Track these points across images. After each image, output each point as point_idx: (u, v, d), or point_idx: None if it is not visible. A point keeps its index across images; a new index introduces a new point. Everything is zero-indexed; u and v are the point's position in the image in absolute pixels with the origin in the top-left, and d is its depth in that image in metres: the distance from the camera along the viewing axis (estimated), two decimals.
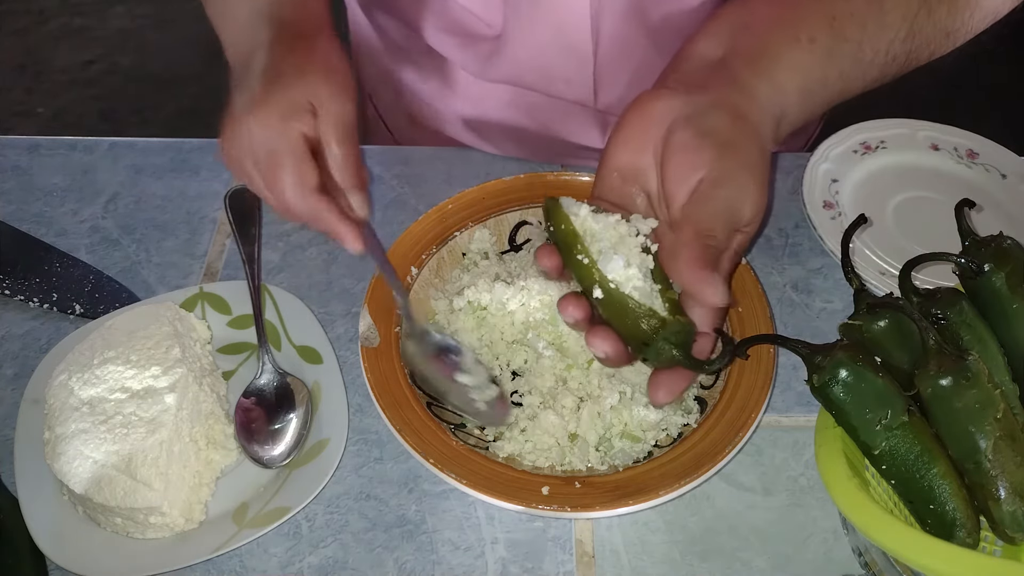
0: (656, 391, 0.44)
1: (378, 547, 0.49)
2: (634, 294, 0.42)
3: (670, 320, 0.42)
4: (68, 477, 0.47)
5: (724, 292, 0.41)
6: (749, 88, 0.46)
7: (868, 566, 0.47)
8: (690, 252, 0.42)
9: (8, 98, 2.15)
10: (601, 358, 0.44)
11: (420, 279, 0.56)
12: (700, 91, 0.45)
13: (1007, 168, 0.68)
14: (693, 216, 0.43)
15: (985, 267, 0.47)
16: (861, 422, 0.43)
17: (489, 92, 0.69)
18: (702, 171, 0.43)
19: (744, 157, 0.44)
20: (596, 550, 0.49)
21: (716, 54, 0.47)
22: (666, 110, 0.45)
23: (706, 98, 0.45)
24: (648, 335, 0.42)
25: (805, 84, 0.47)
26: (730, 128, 0.44)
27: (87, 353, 0.51)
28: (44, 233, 0.65)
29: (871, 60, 0.49)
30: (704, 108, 0.44)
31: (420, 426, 0.49)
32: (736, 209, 0.43)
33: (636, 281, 0.42)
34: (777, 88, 0.46)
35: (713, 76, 0.46)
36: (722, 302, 0.42)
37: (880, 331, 0.46)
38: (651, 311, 0.42)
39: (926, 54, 0.52)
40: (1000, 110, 1.69)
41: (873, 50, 0.49)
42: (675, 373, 0.44)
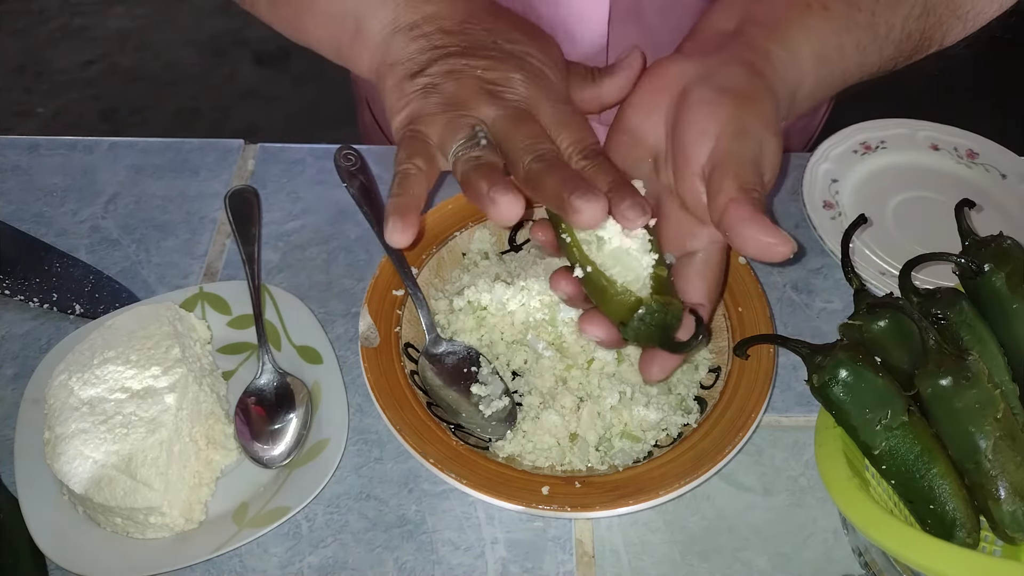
0: (649, 367, 0.44)
1: (378, 547, 0.49)
2: (615, 272, 0.42)
3: (647, 300, 0.41)
4: (68, 477, 0.47)
5: (792, 243, 0.40)
6: (765, 51, 0.44)
7: (868, 566, 0.47)
8: (743, 210, 0.40)
9: (8, 98, 2.15)
10: (597, 342, 0.44)
11: (420, 279, 0.57)
12: (715, 54, 0.45)
13: (1007, 168, 0.68)
14: (729, 170, 0.41)
15: (985, 267, 0.47)
16: (861, 422, 0.43)
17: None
18: (722, 123, 0.42)
19: (761, 111, 0.42)
20: (596, 550, 0.49)
21: (730, 25, 0.47)
22: (679, 73, 0.44)
23: (721, 58, 0.44)
24: (624, 314, 0.41)
25: (821, 51, 0.46)
26: (747, 83, 0.43)
27: (87, 353, 0.51)
28: (44, 233, 0.65)
29: (886, 35, 0.48)
30: (719, 66, 0.44)
31: (420, 426, 0.49)
32: (759, 164, 0.42)
33: (630, 252, 0.41)
34: (792, 54, 0.45)
35: (728, 41, 0.45)
36: (793, 251, 0.40)
37: (880, 331, 0.46)
38: (626, 290, 0.41)
39: (939, 35, 0.51)
40: (1000, 110, 1.69)
41: (888, 24, 0.48)
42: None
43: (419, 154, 0.42)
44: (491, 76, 0.44)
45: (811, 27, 0.46)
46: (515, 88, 0.44)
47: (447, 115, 0.43)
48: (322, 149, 0.70)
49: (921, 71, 0.54)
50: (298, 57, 0.57)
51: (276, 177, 0.69)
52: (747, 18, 0.46)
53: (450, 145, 0.42)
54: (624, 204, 0.40)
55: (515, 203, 0.39)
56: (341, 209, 0.66)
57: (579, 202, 0.39)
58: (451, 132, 0.43)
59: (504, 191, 0.39)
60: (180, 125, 2.07)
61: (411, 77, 0.45)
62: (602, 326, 0.43)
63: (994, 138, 0.70)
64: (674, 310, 0.42)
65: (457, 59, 0.44)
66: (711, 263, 0.45)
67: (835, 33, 0.47)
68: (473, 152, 0.42)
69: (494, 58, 0.45)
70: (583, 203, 0.39)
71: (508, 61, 0.45)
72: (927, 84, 1.90)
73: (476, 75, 0.44)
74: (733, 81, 0.43)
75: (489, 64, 0.45)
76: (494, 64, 0.45)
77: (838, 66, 0.47)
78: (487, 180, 0.40)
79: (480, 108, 0.43)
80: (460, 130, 0.42)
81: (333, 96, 0.91)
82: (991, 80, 1.99)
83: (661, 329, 0.42)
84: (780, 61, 0.45)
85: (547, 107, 0.44)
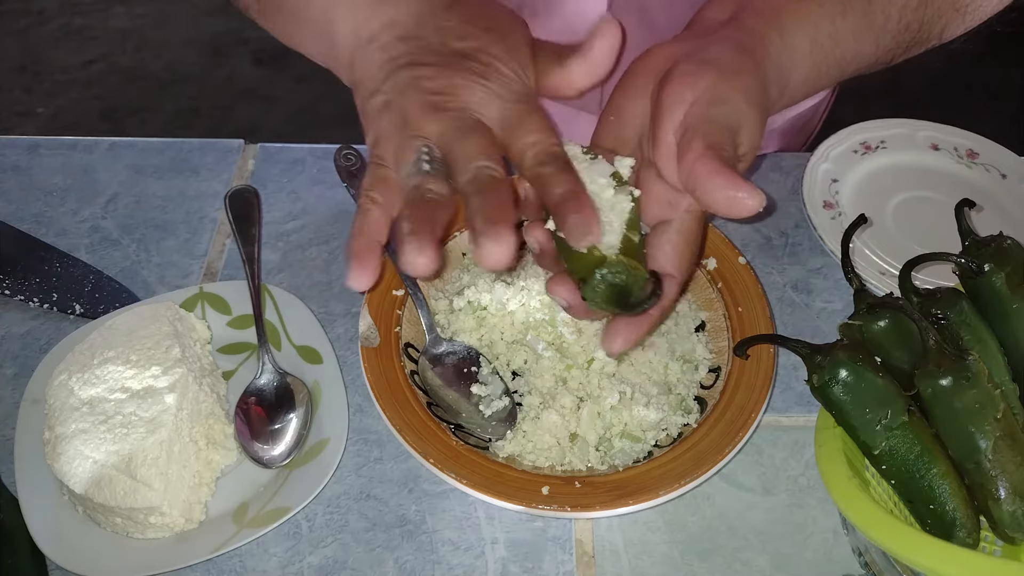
0: (612, 339, 0.42)
1: (378, 547, 0.49)
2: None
3: (611, 258, 0.39)
4: (68, 477, 0.47)
5: (760, 195, 0.38)
6: (759, 34, 0.44)
7: (868, 566, 0.47)
8: (708, 164, 0.39)
9: (8, 98, 2.15)
10: (564, 307, 0.43)
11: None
12: (707, 36, 0.44)
13: (1007, 168, 0.68)
14: (699, 130, 0.40)
15: (985, 267, 0.47)
16: (861, 422, 0.43)
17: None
18: (699, 91, 0.41)
19: (744, 84, 0.42)
20: (596, 550, 0.49)
21: (725, 15, 0.46)
22: (669, 55, 0.44)
23: (712, 39, 0.44)
24: (586, 271, 0.40)
25: (815, 36, 0.45)
26: (732, 58, 0.42)
27: (87, 353, 0.51)
28: (44, 233, 0.65)
29: (883, 24, 0.48)
30: (707, 45, 0.43)
31: (420, 426, 0.49)
32: (735, 131, 0.41)
33: (609, 220, 0.40)
34: (786, 39, 0.44)
35: (722, 27, 0.45)
36: (762, 204, 0.39)
37: (880, 331, 0.46)
38: (592, 247, 0.40)
39: (938, 28, 0.51)
40: (1000, 110, 1.69)
41: (885, 13, 0.48)
42: (631, 321, 0.42)
43: (377, 184, 0.40)
44: (434, 86, 0.41)
45: (806, 13, 0.46)
46: (459, 95, 0.41)
47: (398, 137, 0.41)
48: (322, 149, 0.70)
49: (921, 71, 0.54)
50: (298, 57, 0.57)
51: (276, 177, 0.69)
52: (742, 6, 0.46)
53: (402, 171, 0.40)
54: (570, 219, 0.38)
55: (420, 255, 0.36)
56: (341, 209, 0.66)
57: (484, 240, 0.36)
58: (402, 156, 0.40)
59: (416, 240, 0.37)
60: (180, 125, 2.07)
61: (371, 97, 0.43)
62: (567, 287, 0.42)
63: (994, 138, 0.70)
64: (637, 275, 0.40)
65: (406, 71, 0.42)
66: (683, 230, 0.44)
67: (831, 20, 0.46)
68: (413, 180, 0.39)
69: (440, 64, 0.42)
70: (487, 242, 0.36)
71: (453, 64, 0.42)
72: (927, 84, 1.91)
73: (421, 87, 0.41)
74: (718, 55, 0.42)
75: (434, 72, 0.41)
76: (439, 71, 0.41)
77: (833, 54, 0.47)
78: (409, 221, 0.38)
79: (425, 125, 0.40)
80: (408, 153, 0.40)
81: (333, 96, 0.91)
82: (991, 80, 1.99)
83: (620, 290, 0.40)
84: (773, 45, 0.44)
85: (497, 110, 0.41)
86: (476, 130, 0.41)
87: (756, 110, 0.42)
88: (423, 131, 0.40)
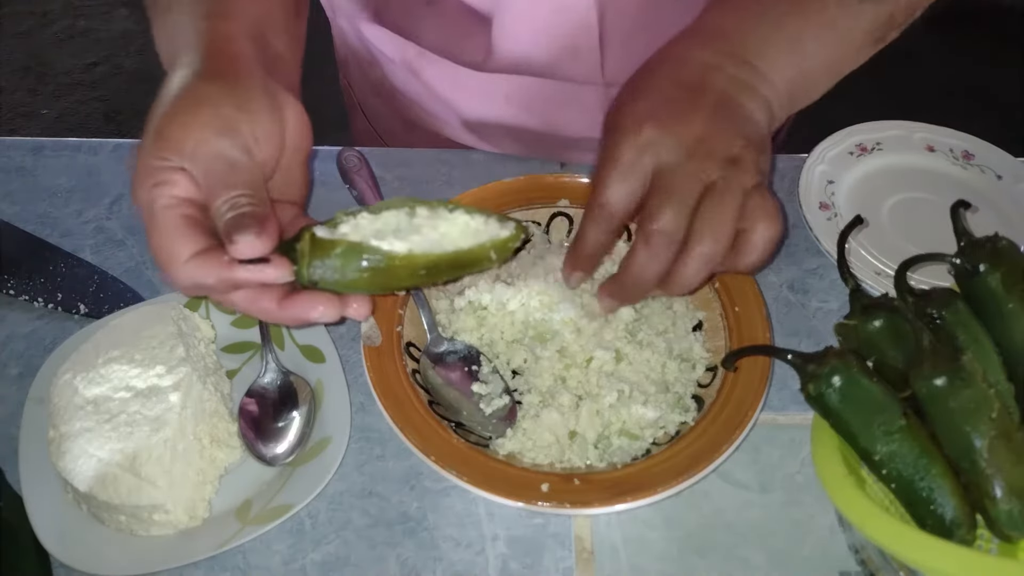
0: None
1: (380, 543, 0.49)
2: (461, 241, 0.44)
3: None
4: (72, 475, 0.47)
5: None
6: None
7: (864, 563, 0.47)
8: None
9: (12, 100, 2.15)
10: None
11: None
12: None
13: (1003, 169, 0.68)
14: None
15: (980, 267, 0.47)
16: (859, 428, 0.44)
17: (489, 89, 0.69)
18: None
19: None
20: (595, 546, 0.49)
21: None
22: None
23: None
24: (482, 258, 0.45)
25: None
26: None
27: (91, 352, 0.52)
28: (49, 234, 0.65)
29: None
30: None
31: (421, 424, 0.49)
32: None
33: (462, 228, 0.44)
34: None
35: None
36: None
37: (875, 331, 0.47)
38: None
39: None
40: (996, 112, 1.69)
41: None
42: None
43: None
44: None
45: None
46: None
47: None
48: (324, 151, 0.71)
49: (918, 72, 0.55)
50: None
51: None
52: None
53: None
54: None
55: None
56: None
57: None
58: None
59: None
60: None
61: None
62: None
63: (989, 140, 0.70)
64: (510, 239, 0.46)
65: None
66: None
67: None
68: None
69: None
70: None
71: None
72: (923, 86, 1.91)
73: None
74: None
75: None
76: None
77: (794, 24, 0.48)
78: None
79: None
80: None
81: (330, 99, 0.91)
82: (987, 82, 2.00)
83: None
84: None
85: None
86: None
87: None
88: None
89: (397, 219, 0.44)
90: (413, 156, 0.72)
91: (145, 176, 0.42)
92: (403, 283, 0.45)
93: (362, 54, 0.75)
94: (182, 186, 0.42)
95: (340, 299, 0.43)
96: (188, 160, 0.41)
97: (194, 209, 0.42)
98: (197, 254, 0.41)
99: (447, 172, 0.70)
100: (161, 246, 0.41)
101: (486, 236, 0.45)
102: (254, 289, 0.42)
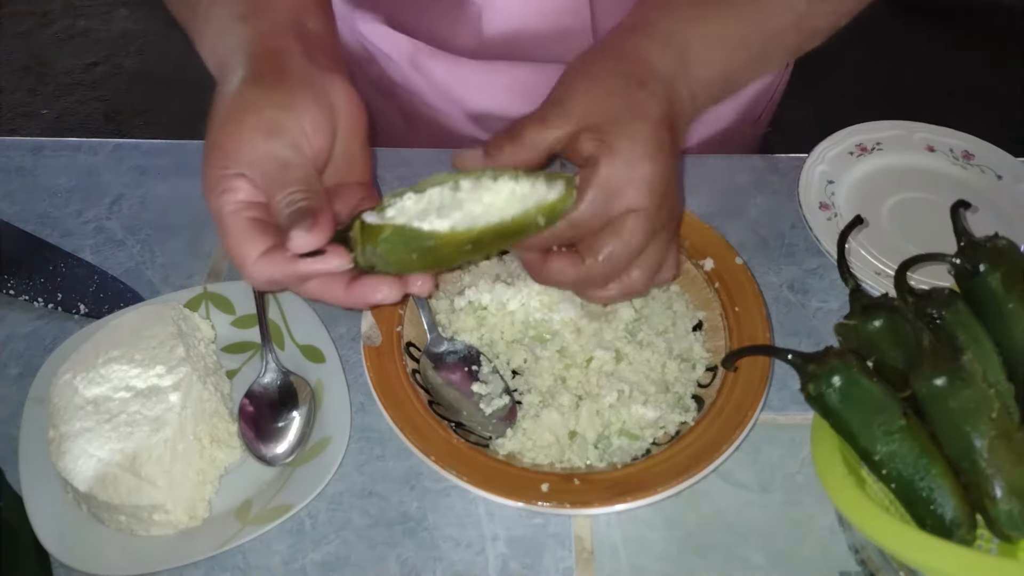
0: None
1: (380, 543, 0.49)
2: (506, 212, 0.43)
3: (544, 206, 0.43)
4: (72, 475, 0.47)
5: None
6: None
7: (864, 563, 0.47)
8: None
9: (13, 100, 2.16)
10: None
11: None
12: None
13: (1003, 169, 0.68)
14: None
15: (980, 267, 0.47)
16: (859, 428, 0.44)
17: (488, 79, 0.69)
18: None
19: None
20: (595, 546, 0.49)
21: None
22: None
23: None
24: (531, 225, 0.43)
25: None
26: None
27: (91, 352, 0.52)
28: (49, 234, 0.65)
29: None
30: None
31: (422, 424, 0.49)
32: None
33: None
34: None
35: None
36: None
37: (875, 331, 0.47)
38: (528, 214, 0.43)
39: None
40: (995, 112, 1.69)
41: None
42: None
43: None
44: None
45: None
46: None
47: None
48: None
49: (917, 73, 0.55)
50: None
51: None
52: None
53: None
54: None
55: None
56: None
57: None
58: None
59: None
60: (184, 127, 2.07)
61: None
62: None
63: (989, 140, 0.70)
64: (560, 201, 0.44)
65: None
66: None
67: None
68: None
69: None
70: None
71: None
72: (923, 86, 1.91)
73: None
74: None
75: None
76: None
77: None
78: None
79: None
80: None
81: None
82: (987, 82, 2.00)
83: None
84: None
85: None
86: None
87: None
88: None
89: (441, 195, 0.43)
90: (413, 156, 0.72)
91: (211, 186, 0.43)
92: (453, 260, 0.44)
93: (358, 52, 0.75)
94: (244, 191, 0.43)
95: (401, 279, 0.44)
96: (245, 166, 0.43)
97: (259, 211, 0.43)
98: (264, 253, 0.42)
99: (446, 172, 0.70)
100: (233, 249, 0.43)
101: (532, 201, 0.43)
102: (323, 279, 0.43)
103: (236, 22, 0.47)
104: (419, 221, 0.42)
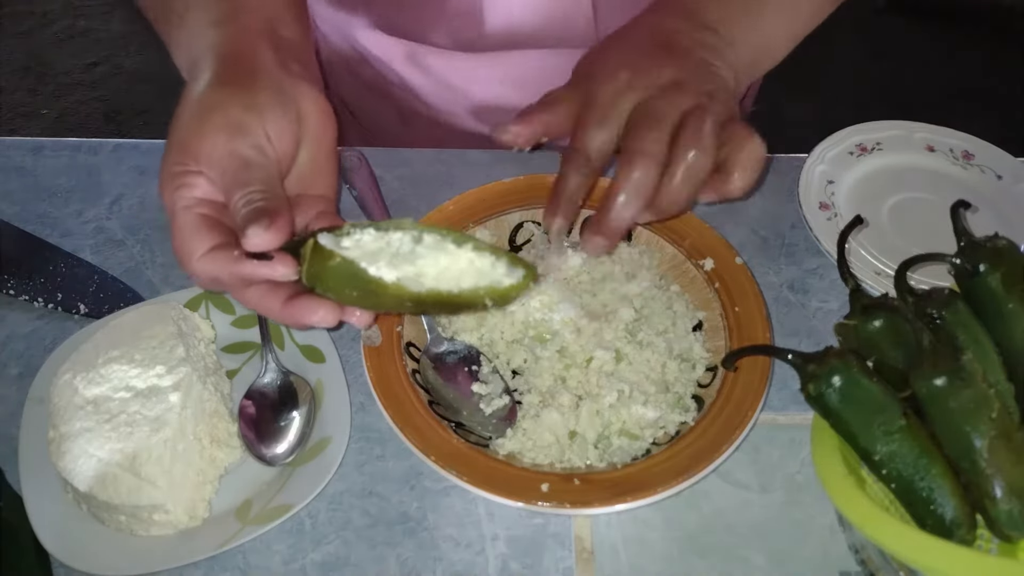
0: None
1: (380, 543, 0.49)
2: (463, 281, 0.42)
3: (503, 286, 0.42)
4: (72, 475, 0.47)
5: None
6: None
7: (864, 563, 0.47)
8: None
9: (12, 99, 2.16)
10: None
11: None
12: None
13: (1003, 169, 0.68)
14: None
15: (980, 267, 0.47)
16: (859, 428, 0.44)
17: (490, 72, 0.69)
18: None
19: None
20: (595, 546, 0.49)
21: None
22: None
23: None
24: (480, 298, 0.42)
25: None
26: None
27: (91, 352, 0.52)
28: (49, 234, 0.65)
29: None
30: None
31: (421, 424, 0.49)
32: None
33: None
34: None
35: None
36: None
37: (875, 331, 0.47)
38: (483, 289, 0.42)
39: None
40: (996, 112, 1.69)
41: None
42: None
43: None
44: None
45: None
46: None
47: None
48: None
49: (917, 73, 0.55)
50: None
51: None
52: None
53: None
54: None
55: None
56: (344, 210, 0.67)
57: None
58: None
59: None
60: None
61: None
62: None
63: (989, 140, 0.70)
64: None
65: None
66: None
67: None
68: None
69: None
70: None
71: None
72: (923, 85, 1.91)
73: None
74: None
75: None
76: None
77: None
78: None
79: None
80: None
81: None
82: (987, 82, 2.00)
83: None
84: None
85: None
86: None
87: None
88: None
89: (401, 242, 0.42)
90: (413, 156, 0.72)
91: (167, 181, 0.43)
92: (391, 308, 0.44)
93: (349, 54, 0.75)
94: (201, 188, 0.43)
95: (340, 307, 0.43)
96: (204, 163, 0.42)
97: (211, 209, 0.43)
98: (210, 250, 0.42)
99: (447, 172, 0.70)
100: (179, 244, 0.43)
101: (487, 280, 0.42)
102: (264, 286, 0.43)
103: (210, 27, 0.47)
104: (369, 262, 0.41)
